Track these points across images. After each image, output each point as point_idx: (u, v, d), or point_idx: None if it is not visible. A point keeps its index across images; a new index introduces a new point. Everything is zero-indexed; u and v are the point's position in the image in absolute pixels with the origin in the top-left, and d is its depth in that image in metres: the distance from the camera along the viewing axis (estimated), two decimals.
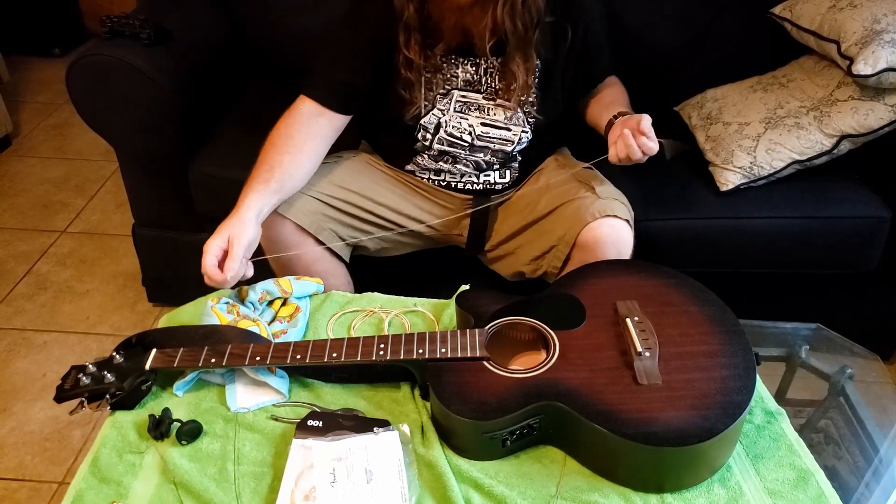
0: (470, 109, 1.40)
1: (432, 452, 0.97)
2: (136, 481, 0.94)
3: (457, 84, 1.38)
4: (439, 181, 1.48)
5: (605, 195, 1.36)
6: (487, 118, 1.40)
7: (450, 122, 1.40)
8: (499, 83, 1.38)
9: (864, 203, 1.68)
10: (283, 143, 1.32)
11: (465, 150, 1.42)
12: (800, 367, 1.49)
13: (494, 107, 1.40)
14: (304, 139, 1.34)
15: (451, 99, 1.39)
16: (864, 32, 1.58)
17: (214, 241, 1.17)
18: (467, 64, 1.37)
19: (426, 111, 1.40)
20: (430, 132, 1.41)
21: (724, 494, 0.95)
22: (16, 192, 2.58)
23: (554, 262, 1.38)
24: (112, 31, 1.66)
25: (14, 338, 1.96)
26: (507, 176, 1.47)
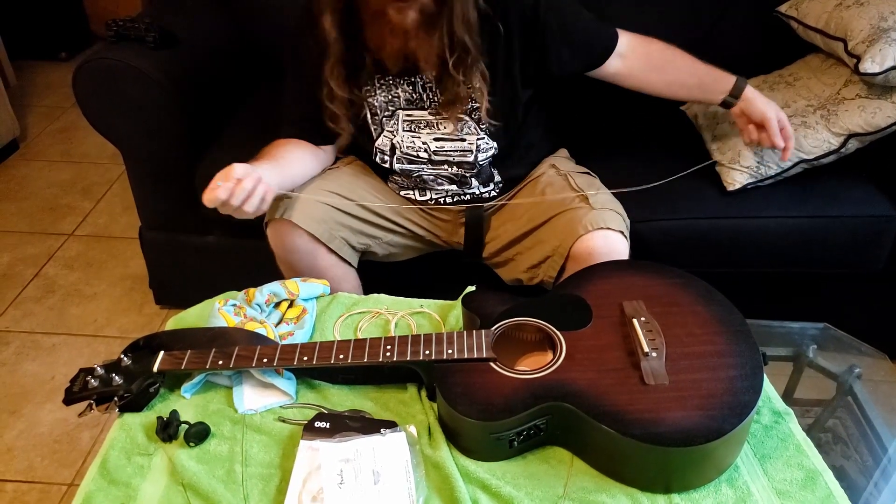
0: (419, 127, 1.38)
1: (439, 453, 0.97)
2: (144, 483, 0.95)
3: (399, 104, 1.37)
4: (426, 201, 1.48)
5: (598, 206, 1.34)
6: (438, 132, 1.38)
7: (403, 142, 1.39)
8: (441, 96, 1.34)
9: (871, 202, 1.68)
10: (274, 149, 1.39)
11: (427, 165, 1.41)
12: (807, 366, 1.48)
13: (442, 120, 1.37)
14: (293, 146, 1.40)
15: (398, 119, 1.38)
16: (870, 30, 1.57)
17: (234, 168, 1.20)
18: (403, 83, 1.35)
19: (377, 135, 1.40)
20: (387, 154, 1.41)
21: (732, 495, 0.94)
22: (23, 195, 2.59)
23: (549, 271, 1.38)
24: (118, 35, 1.66)
25: (23, 341, 1.97)
26: (492, 186, 1.46)
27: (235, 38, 2.01)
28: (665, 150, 1.81)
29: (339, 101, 1.33)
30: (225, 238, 1.86)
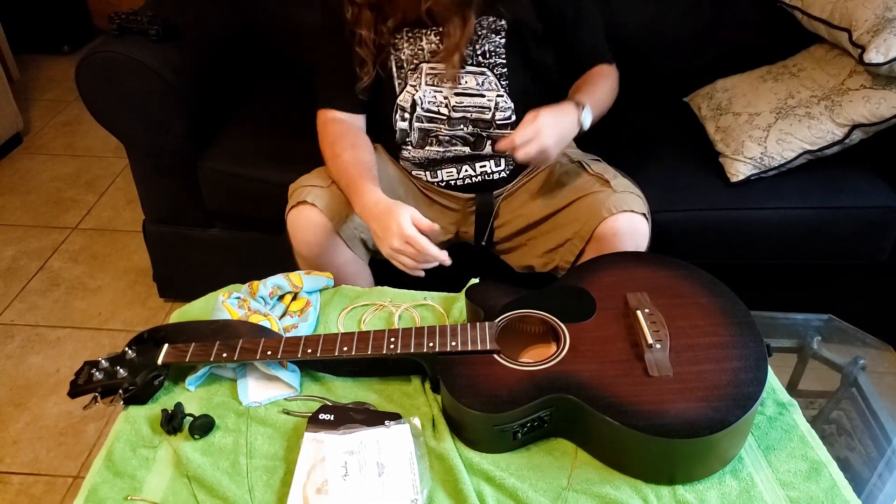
0: (442, 81, 1.38)
1: (443, 445, 0.97)
2: (149, 475, 0.95)
3: (424, 56, 1.37)
4: (437, 182, 1.47)
5: (620, 189, 1.35)
6: (459, 87, 1.38)
7: (424, 97, 1.39)
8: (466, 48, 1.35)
9: (875, 193, 1.67)
10: (341, 147, 1.36)
11: (445, 124, 1.40)
12: (812, 358, 1.48)
13: (464, 74, 1.37)
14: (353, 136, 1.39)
15: (422, 73, 1.38)
16: (875, 20, 1.57)
17: (409, 227, 1.18)
18: (430, 34, 1.35)
19: (400, 90, 1.40)
20: (408, 111, 1.41)
21: (736, 486, 0.94)
22: (27, 189, 2.59)
23: (567, 255, 1.37)
24: (121, 28, 1.66)
25: (28, 334, 1.98)
26: (503, 164, 1.46)
27: (238, 31, 2.01)
28: (668, 142, 1.81)
29: (367, 45, 1.34)
30: (228, 231, 1.86)
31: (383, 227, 1.20)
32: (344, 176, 1.32)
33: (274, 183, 1.68)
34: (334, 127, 1.40)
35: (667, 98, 2.00)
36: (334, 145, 1.36)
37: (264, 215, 1.76)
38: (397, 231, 1.17)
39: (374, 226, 1.24)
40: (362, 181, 1.29)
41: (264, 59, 2.09)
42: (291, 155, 1.76)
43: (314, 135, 1.82)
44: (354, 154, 1.34)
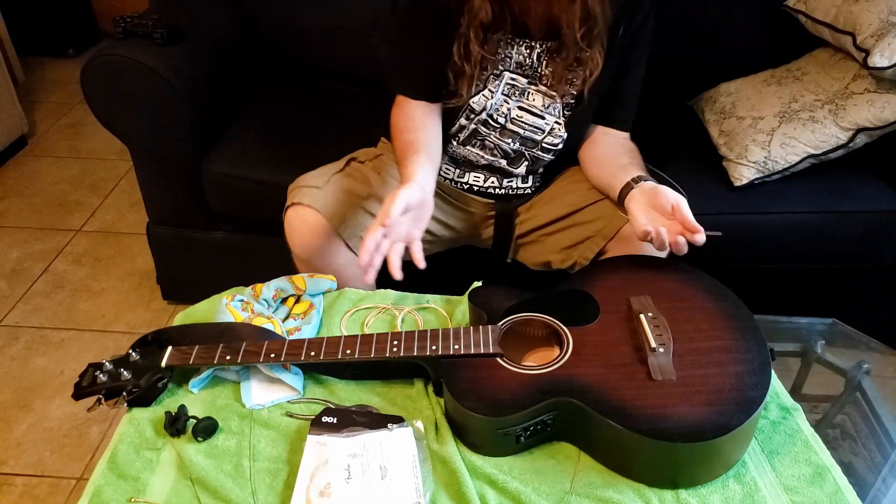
0: (514, 94, 1.36)
1: (446, 448, 0.97)
2: (153, 477, 0.95)
3: (509, 65, 1.35)
4: (462, 183, 1.46)
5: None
6: (525, 102, 1.37)
7: (495, 104, 1.37)
8: (545, 68, 1.34)
9: (879, 197, 1.67)
10: (407, 128, 1.34)
11: (497, 131, 1.39)
12: (815, 362, 1.48)
13: (535, 92, 1.36)
14: (422, 118, 1.36)
15: (502, 81, 1.35)
16: (879, 24, 1.57)
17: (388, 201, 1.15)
18: (522, 45, 1.33)
19: (477, 91, 1.36)
20: (476, 112, 1.39)
21: (740, 490, 0.94)
22: (32, 191, 2.60)
23: (587, 253, 1.36)
24: (125, 31, 1.67)
25: (32, 336, 1.98)
26: (530, 181, 1.45)
27: (242, 34, 2.01)
28: (672, 145, 1.81)
29: (474, 60, 1.31)
30: (232, 234, 1.86)
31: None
32: (403, 154, 1.29)
33: (278, 185, 1.68)
34: (401, 111, 1.37)
35: (671, 102, 2.00)
36: (399, 126, 1.35)
37: (268, 218, 1.76)
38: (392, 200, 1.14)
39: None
40: (413, 161, 1.25)
41: (268, 62, 2.09)
42: (295, 157, 1.76)
43: (318, 137, 1.84)
44: (417, 135, 1.31)
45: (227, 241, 1.87)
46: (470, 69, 1.31)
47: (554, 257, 1.44)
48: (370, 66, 2.02)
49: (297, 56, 2.08)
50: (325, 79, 2.09)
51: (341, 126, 1.87)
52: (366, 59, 2.02)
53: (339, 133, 1.84)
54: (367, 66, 2.03)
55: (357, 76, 2.07)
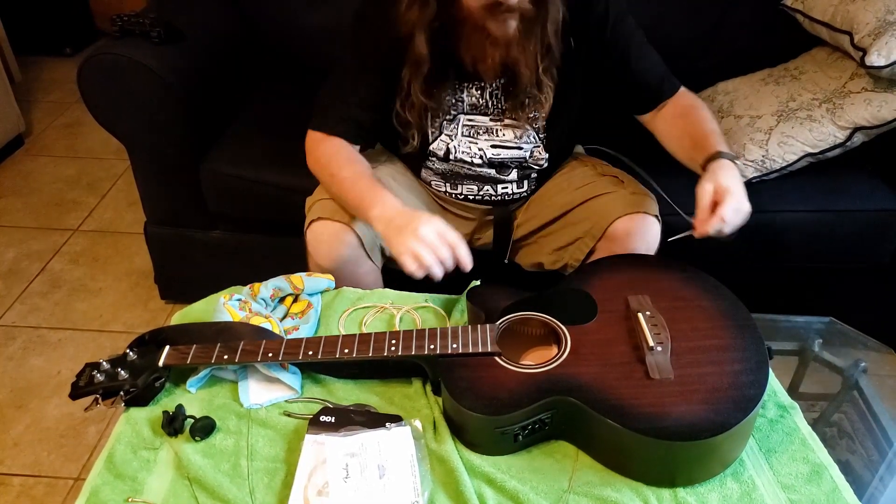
0: (478, 133, 1.36)
1: (444, 447, 0.97)
2: (150, 477, 0.95)
3: (462, 108, 1.34)
4: (456, 195, 1.46)
5: (632, 190, 1.35)
6: (496, 139, 1.36)
7: (459, 147, 1.37)
8: (505, 103, 1.33)
9: (877, 196, 1.67)
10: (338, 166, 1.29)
11: (476, 166, 1.39)
12: (813, 360, 1.48)
13: (502, 127, 1.35)
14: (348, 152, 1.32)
15: (458, 124, 1.35)
16: (877, 23, 1.57)
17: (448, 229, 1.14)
18: (472, 88, 1.32)
19: (433, 138, 1.37)
20: (440, 157, 1.39)
21: (737, 489, 0.94)
22: (29, 190, 2.59)
23: (576, 254, 1.37)
24: (123, 30, 1.66)
25: (29, 335, 1.98)
26: (525, 185, 1.45)
27: (240, 34, 2.01)
28: None
29: (418, 110, 1.30)
30: (230, 233, 1.86)
31: (407, 220, 1.14)
32: (351, 192, 1.25)
33: (275, 185, 1.69)
34: (326, 147, 1.32)
35: None
36: (329, 165, 1.30)
37: (266, 217, 1.76)
38: (435, 224, 1.12)
39: (396, 221, 1.15)
40: (376, 190, 1.22)
41: (266, 61, 2.09)
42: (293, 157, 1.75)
43: None
44: (355, 169, 1.27)
45: (225, 240, 1.87)
46: (416, 119, 1.31)
47: (545, 259, 1.44)
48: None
49: (295, 55, 2.07)
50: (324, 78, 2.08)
51: None
52: None
53: None
54: None
55: None
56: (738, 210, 1.14)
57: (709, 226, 1.11)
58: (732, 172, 1.18)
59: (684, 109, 1.35)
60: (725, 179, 1.15)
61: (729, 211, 1.12)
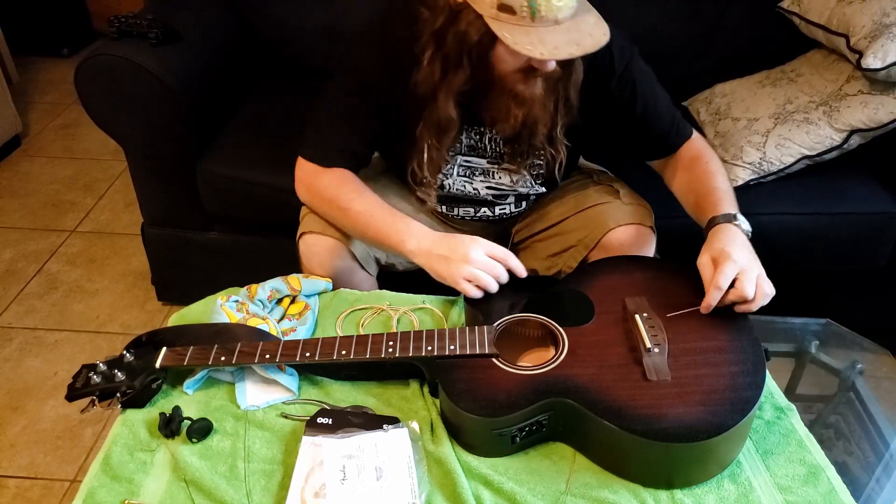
0: (474, 174, 1.35)
1: (442, 449, 0.97)
2: (147, 479, 0.95)
3: (460, 150, 1.32)
4: (453, 215, 1.45)
5: (628, 201, 1.35)
6: (492, 182, 1.35)
7: (454, 184, 1.36)
8: (503, 147, 1.31)
9: (874, 198, 1.67)
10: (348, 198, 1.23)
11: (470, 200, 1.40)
12: (810, 362, 1.48)
13: (498, 170, 1.34)
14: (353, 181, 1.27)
15: (455, 164, 1.34)
16: (873, 26, 1.57)
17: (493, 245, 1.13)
18: (471, 132, 1.30)
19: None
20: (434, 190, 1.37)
21: (734, 490, 0.94)
22: (26, 191, 2.59)
23: (570, 261, 1.37)
24: (120, 32, 1.66)
25: (25, 337, 1.97)
26: (524, 205, 1.45)
27: (238, 35, 2.01)
28: None
29: (423, 157, 1.27)
30: (227, 234, 1.86)
31: (450, 248, 1.13)
32: (370, 226, 1.20)
33: (273, 186, 1.69)
34: (327, 179, 1.26)
35: None
36: (339, 199, 1.23)
37: (263, 219, 1.76)
38: (481, 244, 1.12)
39: (438, 251, 1.13)
40: (400, 222, 1.18)
41: (264, 62, 2.09)
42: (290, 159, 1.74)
43: None
44: (364, 199, 1.22)
45: (223, 241, 1.87)
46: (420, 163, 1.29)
47: (539, 265, 1.44)
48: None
49: (293, 56, 2.07)
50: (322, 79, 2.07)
51: None
52: None
53: None
54: None
55: None
56: (747, 272, 1.03)
57: (709, 297, 1.04)
58: (731, 237, 1.10)
59: (691, 162, 1.30)
60: (726, 245, 1.07)
61: (722, 279, 1.02)
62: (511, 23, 1.01)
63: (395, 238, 1.18)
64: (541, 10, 1.00)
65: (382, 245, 1.22)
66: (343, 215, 1.24)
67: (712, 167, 1.27)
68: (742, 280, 1.03)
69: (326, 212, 1.28)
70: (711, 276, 1.04)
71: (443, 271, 1.13)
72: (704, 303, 1.05)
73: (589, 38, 1.03)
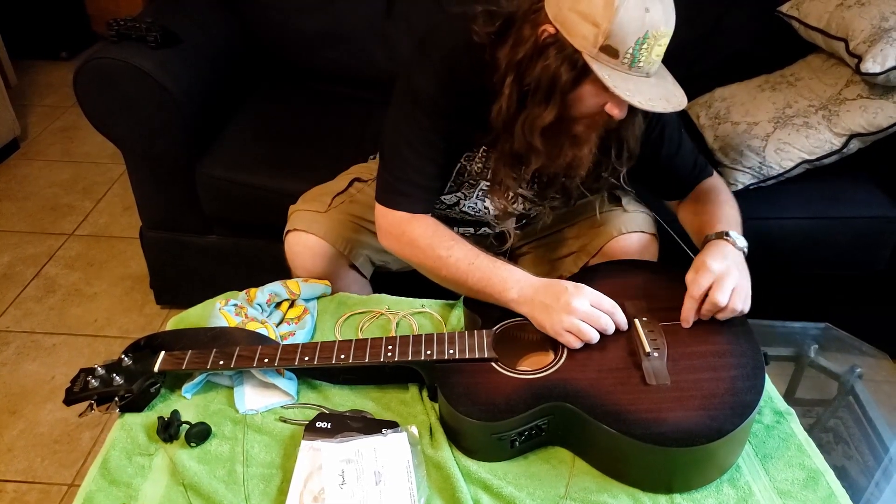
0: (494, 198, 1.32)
1: (441, 454, 0.97)
2: (145, 483, 0.95)
3: (486, 175, 1.29)
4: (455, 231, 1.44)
5: (632, 209, 1.35)
6: (510, 208, 1.34)
7: (467, 202, 1.34)
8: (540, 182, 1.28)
9: (873, 203, 1.67)
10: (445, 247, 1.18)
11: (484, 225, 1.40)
12: (809, 366, 1.48)
13: (517, 196, 1.32)
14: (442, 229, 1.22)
15: (477, 188, 1.32)
16: (872, 30, 1.57)
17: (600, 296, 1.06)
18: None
19: (449, 190, 1.32)
20: (447, 205, 1.36)
21: (734, 495, 0.94)
22: (24, 195, 2.59)
23: (571, 267, 1.37)
24: (119, 35, 1.66)
25: (23, 340, 1.97)
26: (524, 220, 1.44)
27: (237, 38, 2.01)
28: None
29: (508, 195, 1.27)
30: (226, 238, 1.86)
31: (553, 296, 1.06)
32: (471, 275, 1.14)
33: (272, 189, 1.69)
34: (419, 228, 1.20)
35: None
36: (435, 248, 1.18)
37: (262, 222, 1.76)
38: (586, 294, 1.05)
39: (540, 299, 1.07)
40: (501, 270, 1.12)
41: (263, 65, 2.09)
42: (289, 162, 1.76)
43: (313, 141, 1.83)
44: (462, 247, 1.17)
45: (221, 245, 1.87)
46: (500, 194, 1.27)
47: (538, 270, 1.43)
48: (366, 69, 2.02)
49: (292, 59, 2.07)
50: (321, 82, 2.09)
51: (336, 129, 1.87)
52: (361, 62, 2.02)
53: (335, 136, 1.84)
54: (363, 69, 2.03)
55: (353, 79, 2.06)
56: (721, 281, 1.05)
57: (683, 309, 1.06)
58: (717, 250, 1.11)
59: (703, 194, 1.30)
60: (708, 257, 1.08)
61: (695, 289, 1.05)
62: (609, 66, 0.99)
63: (498, 287, 1.11)
64: (640, 61, 0.98)
65: (483, 294, 1.13)
66: (442, 264, 1.17)
67: (723, 197, 1.27)
68: (715, 288, 1.04)
69: (423, 262, 1.20)
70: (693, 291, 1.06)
71: (544, 321, 1.05)
72: (682, 316, 1.06)
73: (674, 96, 1.02)
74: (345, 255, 1.34)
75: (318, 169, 1.52)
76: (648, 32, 0.96)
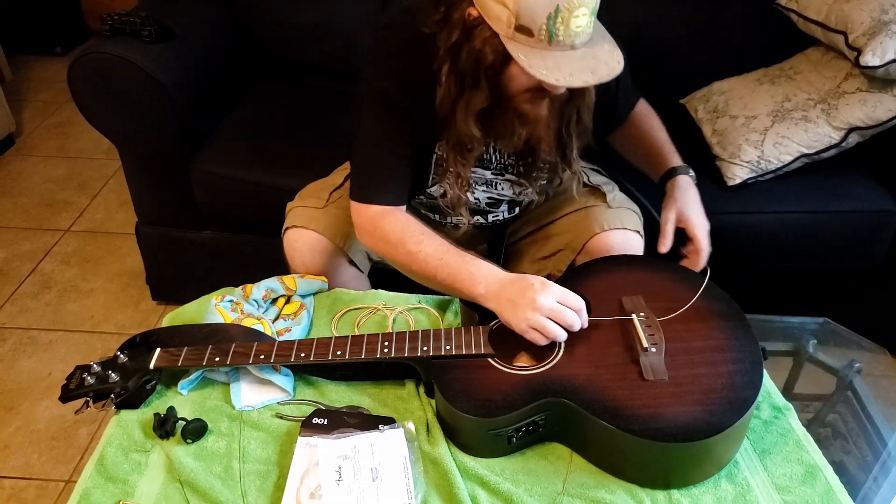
0: (477, 184, 1.33)
1: (438, 450, 0.96)
2: (142, 480, 0.94)
3: None
4: (446, 223, 1.43)
5: (616, 204, 1.34)
6: (494, 192, 1.34)
7: (454, 192, 1.32)
8: (508, 158, 1.29)
9: (872, 197, 1.67)
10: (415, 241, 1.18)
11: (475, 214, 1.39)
12: (807, 361, 1.48)
13: (503, 181, 1.33)
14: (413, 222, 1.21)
15: None
16: (871, 23, 1.57)
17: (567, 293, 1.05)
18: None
19: (432, 182, 1.32)
20: (435, 196, 1.35)
21: (732, 490, 0.94)
22: (19, 191, 2.58)
23: (559, 265, 1.37)
24: (113, 29, 1.65)
25: (19, 337, 1.96)
26: (517, 210, 1.43)
27: (231, 33, 2.00)
28: None
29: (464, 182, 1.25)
30: (221, 233, 1.85)
31: (518, 292, 1.04)
32: (440, 270, 1.13)
33: (267, 185, 1.68)
34: (390, 223, 1.19)
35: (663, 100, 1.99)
36: (405, 243, 1.17)
37: (257, 218, 1.75)
38: (552, 290, 1.03)
39: (506, 295, 1.06)
40: (469, 264, 1.12)
41: (258, 60, 2.08)
42: (284, 157, 1.75)
43: (308, 136, 1.83)
44: (432, 242, 1.17)
45: (217, 240, 1.86)
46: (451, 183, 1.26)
47: (529, 268, 1.43)
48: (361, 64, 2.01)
49: (287, 54, 2.07)
50: (316, 76, 2.08)
51: (331, 124, 1.86)
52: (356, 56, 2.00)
53: (329, 131, 1.83)
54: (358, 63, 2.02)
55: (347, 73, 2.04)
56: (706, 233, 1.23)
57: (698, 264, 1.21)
58: (691, 192, 1.28)
59: (637, 120, 1.40)
60: (687, 207, 1.26)
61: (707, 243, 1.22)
62: (527, 45, 0.99)
63: (466, 282, 1.11)
64: (559, 35, 0.97)
65: (452, 289, 1.14)
66: (412, 259, 1.17)
67: (655, 122, 1.39)
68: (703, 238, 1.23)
69: (394, 257, 1.20)
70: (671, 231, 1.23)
71: (510, 317, 1.04)
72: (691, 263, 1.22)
73: (604, 65, 1.01)
74: (343, 251, 1.34)
75: (313, 164, 1.51)
76: (560, 6, 0.95)
